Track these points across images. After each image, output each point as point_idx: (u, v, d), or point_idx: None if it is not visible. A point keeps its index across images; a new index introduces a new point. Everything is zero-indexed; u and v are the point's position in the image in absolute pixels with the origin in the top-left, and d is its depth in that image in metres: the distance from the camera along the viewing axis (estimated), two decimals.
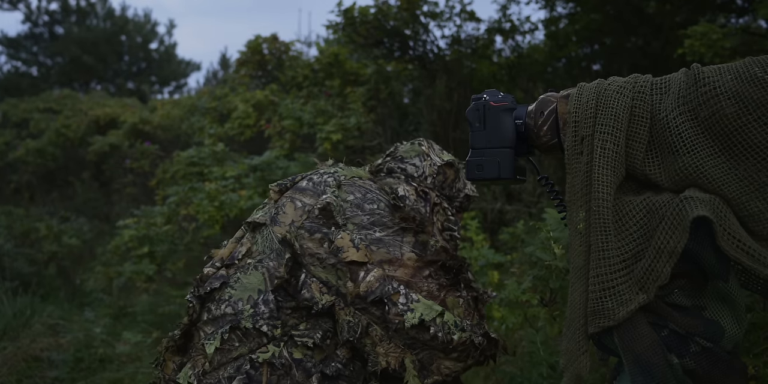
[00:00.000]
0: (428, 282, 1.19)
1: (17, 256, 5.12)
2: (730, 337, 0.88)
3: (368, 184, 1.26)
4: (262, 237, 1.25)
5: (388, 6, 5.12)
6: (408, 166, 1.37)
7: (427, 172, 1.37)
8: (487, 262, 2.58)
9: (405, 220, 1.21)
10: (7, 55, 16.23)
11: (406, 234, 1.21)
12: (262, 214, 1.30)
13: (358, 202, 1.22)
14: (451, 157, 1.44)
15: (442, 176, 1.39)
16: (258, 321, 1.16)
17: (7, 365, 3.28)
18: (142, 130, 8.31)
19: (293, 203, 1.25)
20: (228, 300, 1.20)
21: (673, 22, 4.58)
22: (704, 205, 0.82)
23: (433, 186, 1.37)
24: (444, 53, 5.43)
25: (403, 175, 1.36)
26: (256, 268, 1.22)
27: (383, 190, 1.26)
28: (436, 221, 1.32)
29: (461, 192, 1.42)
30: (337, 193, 1.23)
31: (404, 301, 1.13)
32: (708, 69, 0.87)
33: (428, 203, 1.32)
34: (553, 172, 4.06)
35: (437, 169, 1.38)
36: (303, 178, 1.33)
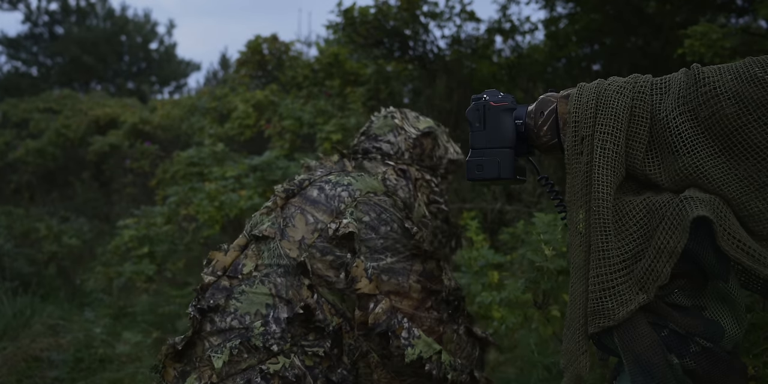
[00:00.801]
0: (430, 314, 1.21)
1: (17, 256, 5.12)
2: (730, 337, 0.88)
3: (383, 202, 1.24)
4: (269, 250, 1.22)
5: (388, 6, 5.12)
6: (383, 145, 1.33)
7: (403, 147, 1.33)
8: (487, 262, 2.57)
9: (416, 248, 1.22)
10: (7, 55, 16.24)
11: (415, 261, 1.22)
12: (269, 225, 1.25)
13: (374, 224, 1.21)
14: (428, 123, 1.38)
15: (419, 149, 1.34)
16: (269, 340, 1.15)
17: (7, 365, 3.28)
18: (142, 130, 8.31)
19: (304, 217, 1.21)
20: (234, 313, 1.18)
21: (673, 22, 4.58)
22: (704, 205, 0.82)
23: (412, 160, 1.33)
24: (444, 53, 5.43)
25: (379, 155, 1.32)
26: (263, 283, 1.20)
27: (396, 206, 1.24)
28: (421, 196, 1.30)
29: (443, 159, 1.38)
30: (354, 214, 1.21)
31: (407, 335, 1.15)
32: (708, 69, 0.87)
33: (409, 181, 1.29)
34: (553, 172, 4.06)
35: (413, 142, 1.34)
36: (312, 184, 1.27)
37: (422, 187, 1.33)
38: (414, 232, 1.21)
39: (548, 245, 1.67)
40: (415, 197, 1.30)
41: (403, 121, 1.37)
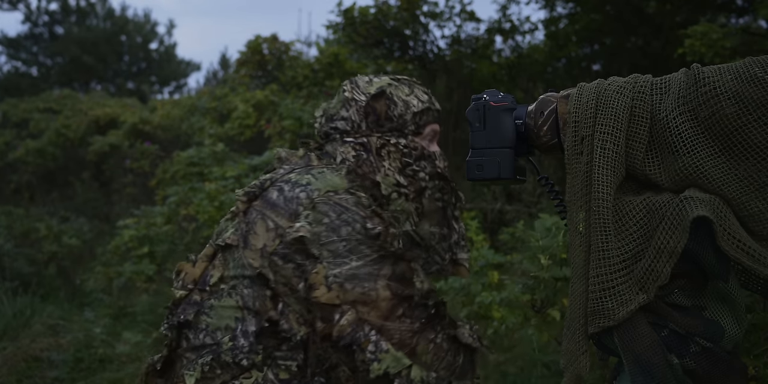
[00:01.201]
0: (401, 324, 1.11)
1: (17, 256, 5.12)
2: (730, 338, 0.88)
3: (344, 200, 1.13)
4: (234, 260, 1.15)
5: (388, 6, 5.12)
6: (338, 123, 1.24)
7: (357, 119, 1.24)
8: (487, 262, 2.57)
9: (382, 249, 1.12)
10: (7, 55, 16.26)
11: (384, 264, 1.11)
12: (232, 232, 1.17)
13: (335, 226, 1.10)
14: (381, 83, 1.26)
15: (373, 115, 1.24)
16: (237, 355, 1.10)
17: (7, 365, 3.28)
18: (142, 130, 8.31)
19: (265, 222, 1.13)
20: (205, 329, 1.14)
21: (673, 22, 4.58)
22: (704, 205, 0.82)
23: (370, 129, 1.23)
24: (444, 53, 5.43)
25: (338, 135, 1.24)
26: (230, 295, 1.14)
27: (360, 203, 1.13)
28: (390, 164, 1.21)
29: (405, 116, 1.25)
30: (311, 216, 1.11)
31: (373, 349, 1.08)
32: (708, 69, 0.87)
33: (370, 153, 1.21)
34: (553, 172, 4.06)
35: (364, 110, 1.23)
36: (273, 184, 1.18)
37: (391, 154, 1.22)
38: (376, 233, 1.10)
39: (545, 253, 1.67)
40: (378, 170, 1.21)
41: (353, 91, 1.26)
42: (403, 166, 1.22)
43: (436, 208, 1.27)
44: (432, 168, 1.26)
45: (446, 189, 1.27)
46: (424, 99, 1.29)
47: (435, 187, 1.26)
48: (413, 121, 1.26)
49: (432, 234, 1.27)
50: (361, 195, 1.14)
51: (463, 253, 1.31)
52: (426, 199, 1.25)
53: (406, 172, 1.22)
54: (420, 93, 1.30)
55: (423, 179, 1.24)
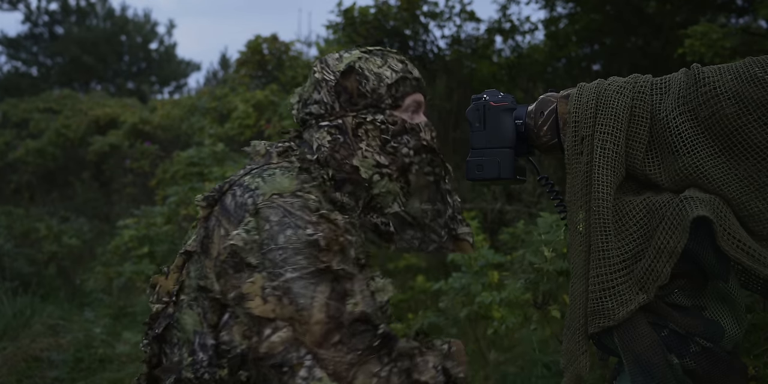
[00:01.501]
0: (336, 353, 0.99)
1: (17, 256, 5.12)
2: (730, 338, 0.88)
3: (289, 203, 1.02)
4: (195, 270, 1.10)
5: (388, 6, 5.12)
6: (312, 108, 1.16)
7: (329, 100, 1.15)
8: (487, 262, 2.57)
9: (320, 262, 0.99)
10: (7, 55, 16.26)
11: (322, 279, 0.99)
12: (193, 239, 1.12)
13: (274, 232, 1.00)
14: (349, 59, 1.17)
15: (345, 93, 1.15)
16: (198, 370, 1.03)
17: (7, 365, 3.28)
18: (142, 130, 8.31)
19: (219, 230, 1.07)
20: (177, 343, 1.08)
21: (673, 22, 4.58)
22: (704, 205, 0.82)
23: (345, 109, 1.15)
24: (444, 53, 5.43)
25: (313, 120, 1.17)
26: (191, 307, 1.08)
27: (306, 207, 1.01)
28: (366, 147, 1.12)
29: (378, 90, 1.15)
30: (252, 223, 1.02)
31: (305, 375, 0.97)
32: (708, 69, 0.87)
33: (346, 135, 1.13)
34: (553, 172, 4.06)
35: (335, 90, 1.15)
36: (230, 187, 1.12)
37: (369, 132, 1.13)
38: (314, 240, 0.98)
39: (548, 246, 1.67)
40: (355, 152, 1.13)
41: (323, 71, 1.17)
42: (383, 144, 1.13)
43: (426, 183, 1.18)
44: (416, 141, 1.16)
45: (435, 162, 1.17)
46: (398, 68, 1.18)
47: (423, 162, 1.17)
48: (389, 94, 1.16)
49: (424, 211, 1.18)
50: (309, 197, 1.04)
51: (462, 227, 1.21)
52: (413, 175, 1.16)
53: (387, 150, 1.14)
54: (394, 62, 1.19)
55: (407, 155, 1.15)
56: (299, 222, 1.00)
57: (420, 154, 1.16)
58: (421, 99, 1.20)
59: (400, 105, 1.17)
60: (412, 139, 1.16)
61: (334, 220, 1.02)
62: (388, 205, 1.15)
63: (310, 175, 1.09)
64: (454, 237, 1.20)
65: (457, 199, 1.21)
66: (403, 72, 1.18)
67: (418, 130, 1.17)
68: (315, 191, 1.06)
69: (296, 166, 1.09)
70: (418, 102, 1.20)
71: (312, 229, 1.00)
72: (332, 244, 1.00)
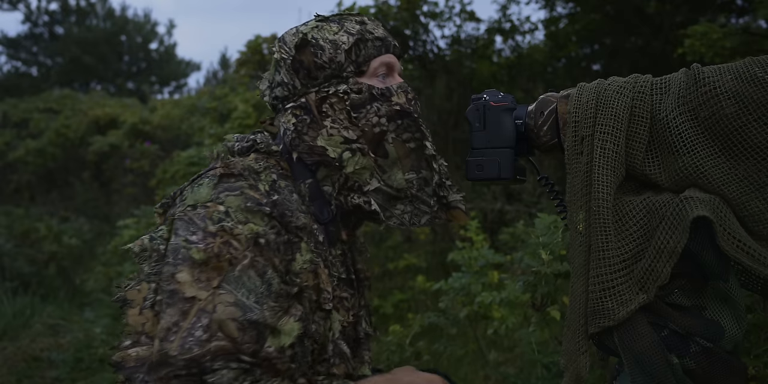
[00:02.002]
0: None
1: (17, 256, 5.13)
2: (731, 338, 0.88)
3: (197, 215, 0.92)
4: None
5: (388, 6, 5.12)
6: (276, 91, 1.09)
7: (289, 80, 1.07)
8: (487, 262, 2.57)
9: (200, 281, 0.87)
10: (7, 55, 16.27)
11: (175, 302, 0.86)
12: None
13: (175, 244, 0.91)
14: (305, 30, 1.08)
15: (303, 69, 1.05)
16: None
17: (7, 365, 3.28)
18: (142, 130, 8.31)
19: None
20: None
21: (673, 22, 4.59)
22: (704, 205, 0.82)
23: (306, 86, 1.06)
24: (444, 53, 5.43)
25: (280, 104, 1.09)
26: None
27: (210, 218, 0.91)
28: (332, 124, 1.03)
29: (337, 56, 1.04)
30: (162, 232, 0.96)
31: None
32: (708, 69, 0.87)
33: (310, 114, 1.04)
34: (553, 172, 4.06)
35: (292, 67, 1.06)
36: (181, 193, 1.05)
37: (334, 106, 1.05)
38: (196, 260, 0.87)
39: (546, 249, 1.67)
40: (318, 131, 1.04)
41: (281, 50, 1.08)
42: (349, 117, 1.05)
43: (407, 151, 1.08)
44: (388, 108, 1.06)
45: (413, 127, 1.07)
46: (354, 30, 1.07)
47: (400, 128, 1.07)
48: (349, 60, 1.06)
49: (409, 181, 1.07)
50: (216, 208, 0.92)
51: (453, 194, 1.10)
52: (390, 145, 1.06)
53: (354, 122, 1.04)
54: (351, 25, 1.08)
55: (378, 124, 1.05)
56: (194, 236, 0.90)
57: (394, 120, 1.07)
58: (389, 60, 1.10)
59: (365, 70, 1.08)
60: (383, 106, 1.06)
61: (237, 235, 0.89)
62: (366, 182, 1.05)
63: (238, 180, 0.97)
64: (445, 205, 1.09)
65: (444, 163, 1.10)
66: (360, 34, 1.07)
67: (388, 94, 1.07)
68: (235, 199, 0.93)
69: (217, 175, 0.98)
70: (388, 64, 1.10)
71: (201, 242, 0.88)
72: (211, 261, 0.87)
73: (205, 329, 0.83)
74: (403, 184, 1.07)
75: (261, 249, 0.90)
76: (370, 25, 1.10)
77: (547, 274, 1.67)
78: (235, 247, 0.88)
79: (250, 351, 0.85)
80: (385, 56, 1.09)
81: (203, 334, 0.83)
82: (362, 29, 1.07)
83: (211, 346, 0.83)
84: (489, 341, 2.99)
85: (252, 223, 0.91)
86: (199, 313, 0.84)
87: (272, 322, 0.88)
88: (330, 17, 1.10)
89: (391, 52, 1.10)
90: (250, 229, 0.91)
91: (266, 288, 0.89)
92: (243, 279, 0.88)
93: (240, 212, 0.92)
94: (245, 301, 0.86)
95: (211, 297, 0.85)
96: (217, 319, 0.84)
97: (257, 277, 0.89)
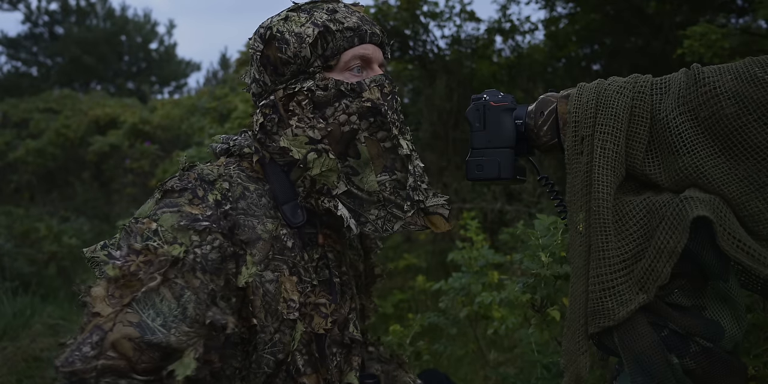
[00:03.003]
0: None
1: (17, 256, 5.12)
2: (731, 338, 0.88)
3: (135, 227, 0.89)
4: None
5: (388, 6, 5.12)
6: (252, 87, 1.04)
7: (260, 77, 1.01)
8: (487, 262, 2.57)
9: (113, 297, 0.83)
10: (7, 55, 16.26)
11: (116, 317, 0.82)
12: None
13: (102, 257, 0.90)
14: (271, 23, 1.00)
15: (270, 65, 0.99)
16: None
17: (7, 365, 3.28)
18: (142, 130, 8.31)
19: None
20: None
21: (673, 22, 4.59)
22: (704, 205, 0.82)
23: (275, 82, 1.00)
24: (444, 53, 5.43)
25: (258, 102, 1.04)
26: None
27: (141, 235, 0.88)
28: (297, 123, 0.97)
29: (301, 50, 0.97)
30: (114, 241, 0.93)
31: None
32: (708, 69, 0.87)
33: (277, 112, 0.99)
34: (553, 172, 4.06)
35: (261, 63, 1.00)
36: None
37: (302, 104, 0.98)
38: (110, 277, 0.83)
39: (546, 251, 1.66)
40: (283, 130, 0.99)
41: (254, 45, 1.03)
42: (315, 115, 0.98)
43: (380, 151, 1.00)
44: (359, 104, 0.98)
45: (386, 124, 0.99)
46: (320, 21, 0.97)
47: (374, 126, 1.00)
48: (315, 54, 0.98)
49: (381, 184, 1.00)
50: (147, 226, 0.88)
51: (433, 198, 1.01)
52: (363, 145, 0.99)
53: (320, 121, 0.98)
54: (320, 14, 0.99)
55: (348, 122, 0.98)
56: (118, 251, 0.87)
57: (366, 117, 0.99)
58: (364, 52, 1.01)
59: (333, 65, 1.00)
60: (354, 103, 0.99)
61: (160, 255, 0.85)
62: (334, 184, 0.98)
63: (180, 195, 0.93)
64: (423, 210, 1.00)
65: (420, 164, 1.02)
66: (324, 25, 0.97)
67: (359, 90, 0.99)
68: (170, 217, 0.89)
69: (163, 190, 0.94)
70: (363, 56, 1.01)
71: (120, 259, 0.85)
72: (125, 278, 0.84)
73: (93, 346, 0.79)
74: (375, 187, 1.00)
75: (182, 271, 0.85)
76: (341, 13, 1.00)
77: (546, 277, 1.67)
78: (155, 267, 0.84)
79: (148, 369, 0.81)
80: (358, 48, 1.01)
81: (91, 350, 0.79)
82: (330, 19, 0.98)
83: (98, 363, 0.79)
84: (489, 341, 2.99)
85: (177, 244, 0.86)
86: (94, 329, 0.80)
87: (180, 346, 0.82)
88: (302, 6, 1.02)
89: (367, 42, 1.02)
90: (175, 250, 0.86)
91: (181, 312, 0.83)
92: (154, 300, 0.83)
93: (170, 231, 0.87)
94: (149, 323, 0.81)
95: (114, 315, 0.81)
96: (111, 337, 0.80)
97: (173, 299, 0.84)
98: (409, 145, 1.02)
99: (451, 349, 2.65)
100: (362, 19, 1.02)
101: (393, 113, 1.01)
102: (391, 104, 1.01)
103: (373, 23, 1.05)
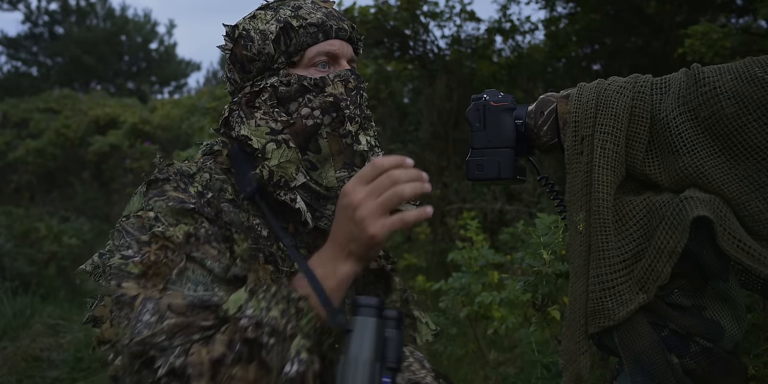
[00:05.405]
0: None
1: (17, 256, 5.12)
2: (730, 337, 0.88)
3: (130, 224, 0.90)
4: None
5: (388, 6, 5.12)
6: (227, 87, 1.05)
7: (231, 75, 1.03)
8: (487, 262, 2.58)
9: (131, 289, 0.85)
10: (7, 55, 16.28)
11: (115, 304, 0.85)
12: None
13: (113, 263, 0.89)
14: (240, 21, 1.02)
15: (238, 63, 1.01)
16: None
17: (7, 365, 3.28)
18: (142, 130, 8.32)
19: None
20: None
21: (673, 22, 4.59)
22: (704, 205, 0.82)
23: (243, 80, 1.02)
24: (444, 53, 5.43)
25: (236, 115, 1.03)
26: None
27: (142, 227, 0.89)
28: (261, 116, 0.98)
29: (265, 47, 0.97)
30: (109, 247, 0.94)
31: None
32: (708, 69, 0.87)
33: (241, 109, 0.99)
34: (553, 172, 4.06)
35: (230, 61, 1.02)
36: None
37: (267, 100, 0.99)
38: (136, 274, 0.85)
39: (547, 249, 1.66)
40: (245, 122, 0.99)
41: (226, 44, 1.03)
42: (279, 109, 0.98)
43: (342, 147, 1.00)
44: (322, 99, 0.98)
45: (344, 119, 1.00)
46: (283, 17, 0.98)
47: (336, 121, 0.99)
48: (279, 50, 0.98)
49: (340, 180, 0.99)
50: (146, 215, 0.90)
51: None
52: (324, 140, 0.99)
53: (282, 114, 0.98)
54: (284, 11, 0.99)
55: (311, 116, 0.98)
56: (129, 250, 0.87)
57: (329, 113, 0.99)
58: (329, 48, 1.01)
59: (296, 61, 1.00)
60: (317, 98, 0.99)
61: (170, 237, 0.87)
62: (292, 176, 0.97)
63: (164, 183, 0.94)
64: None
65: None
66: (287, 21, 0.98)
67: (322, 85, 0.99)
68: (162, 202, 0.91)
69: (145, 182, 0.96)
70: (328, 53, 1.01)
71: (136, 255, 0.86)
72: (150, 270, 0.85)
73: (152, 312, 0.81)
74: (333, 183, 0.99)
75: (197, 245, 0.88)
76: (306, 9, 1.00)
77: (548, 274, 1.67)
78: (172, 250, 0.86)
79: (207, 325, 0.83)
80: (323, 44, 1.00)
81: (151, 317, 0.81)
82: (293, 15, 0.99)
83: (164, 324, 0.80)
84: (489, 341, 2.99)
85: (183, 224, 0.89)
86: (144, 301, 0.82)
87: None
88: (271, 4, 1.03)
89: (333, 37, 1.01)
90: (181, 229, 0.88)
91: (215, 276, 0.87)
92: (188, 275, 0.86)
93: (168, 215, 0.89)
94: (194, 294, 0.85)
95: (158, 293, 0.83)
96: (165, 301, 0.82)
97: (200, 268, 0.87)
98: (370, 141, 1.01)
99: (451, 349, 2.65)
100: (328, 15, 1.02)
101: (355, 108, 1.00)
102: (354, 99, 1.00)
103: (341, 18, 1.04)
